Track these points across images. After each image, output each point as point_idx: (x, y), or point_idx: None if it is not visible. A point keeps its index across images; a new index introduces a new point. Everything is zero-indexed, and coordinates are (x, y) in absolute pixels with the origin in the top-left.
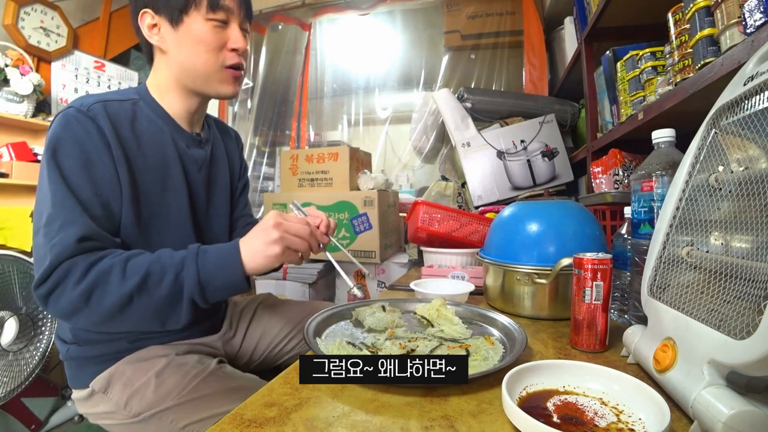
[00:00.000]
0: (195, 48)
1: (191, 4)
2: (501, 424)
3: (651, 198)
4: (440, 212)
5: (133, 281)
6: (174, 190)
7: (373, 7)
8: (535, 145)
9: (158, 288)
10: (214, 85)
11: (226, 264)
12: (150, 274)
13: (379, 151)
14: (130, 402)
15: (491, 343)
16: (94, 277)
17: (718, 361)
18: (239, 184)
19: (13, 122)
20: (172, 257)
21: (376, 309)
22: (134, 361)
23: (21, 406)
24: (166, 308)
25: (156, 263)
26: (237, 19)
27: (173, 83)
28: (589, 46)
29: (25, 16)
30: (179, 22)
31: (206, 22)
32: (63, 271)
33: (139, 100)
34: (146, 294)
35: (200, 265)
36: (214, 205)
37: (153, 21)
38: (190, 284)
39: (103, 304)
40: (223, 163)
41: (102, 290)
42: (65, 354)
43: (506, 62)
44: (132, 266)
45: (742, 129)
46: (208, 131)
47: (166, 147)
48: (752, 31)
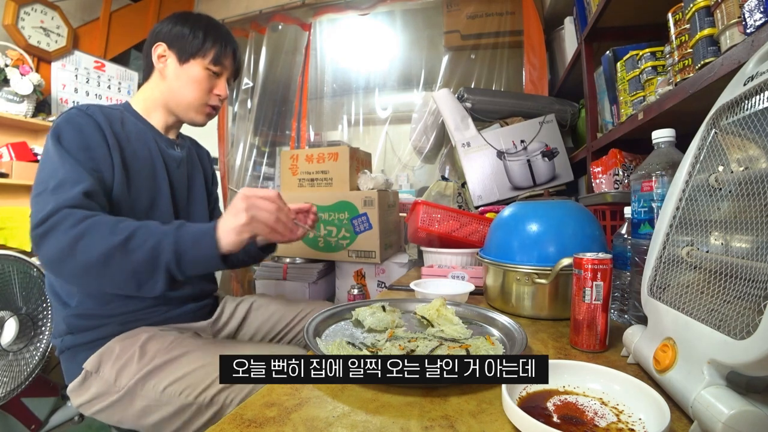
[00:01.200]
0: (190, 85)
1: (200, 54)
2: (501, 424)
3: (651, 198)
4: (440, 212)
5: (119, 238)
6: (159, 180)
7: (373, 7)
8: (535, 145)
9: (139, 250)
10: (191, 113)
11: (202, 238)
12: (134, 236)
13: (379, 151)
14: (119, 376)
15: (491, 343)
16: (86, 226)
17: (718, 361)
18: (213, 189)
19: (13, 122)
20: (158, 227)
21: (376, 309)
22: (122, 339)
23: (21, 406)
24: (143, 271)
25: (142, 228)
26: (227, 74)
27: (159, 101)
28: (589, 46)
29: (25, 16)
30: (185, 62)
31: (204, 70)
32: (62, 216)
33: (125, 111)
34: (128, 253)
35: (178, 237)
36: (194, 199)
37: (164, 53)
38: (168, 253)
39: (88, 253)
40: (197, 166)
41: (90, 239)
42: (60, 346)
43: (506, 62)
44: (122, 226)
45: (742, 129)
46: (183, 141)
47: (150, 145)
48: (752, 31)
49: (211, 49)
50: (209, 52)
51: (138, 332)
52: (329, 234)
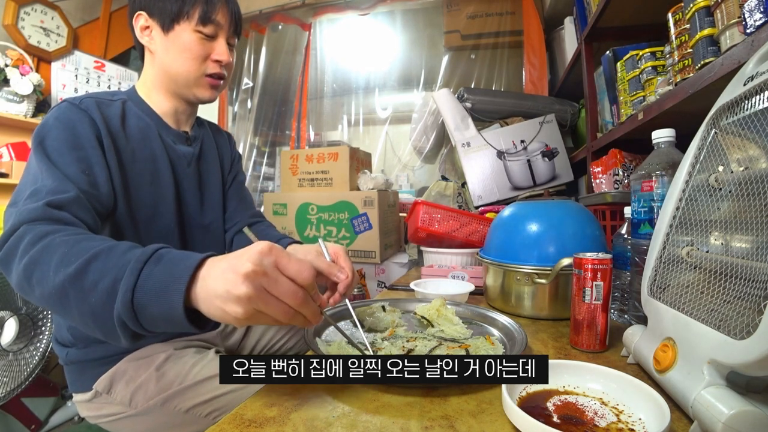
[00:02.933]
0: (180, 55)
1: (183, 15)
2: (501, 424)
3: (651, 198)
4: (440, 212)
5: (69, 270)
6: (161, 185)
7: (373, 7)
8: (535, 145)
9: (93, 291)
10: (192, 89)
11: (168, 288)
12: (88, 269)
13: (379, 151)
14: (135, 397)
15: (491, 343)
16: (39, 251)
17: (718, 361)
18: (229, 177)
19: (13, 122)
20: (122, 255)
21: (376, 309)
22: (135, 359)
23: (21, 406)
24: (100, 319)
25: (101, 256)
26: (225, 33)
27: (158, 83)
28: (589, 46)
29: (25, 16)
30: (170, 29)
31: (194, 33)
32: (18, 236)
33: (128, 100)
34: (84, 292)
35: (141, 279)
36: (207, 198)
37: (146, 23)
38: (122, 301)
39: (42, 285)
40: (213, 159)
41: (40, 270)
42: (65, 358)
43: (506, 62)
44: (78, 250)
45: (742, 129)
46: (199, 130)
47: (153, 142)
48: (752, 31)
49: (195, 5)
50: (193, 10)
51: (150, 351)
52: (329, 234)
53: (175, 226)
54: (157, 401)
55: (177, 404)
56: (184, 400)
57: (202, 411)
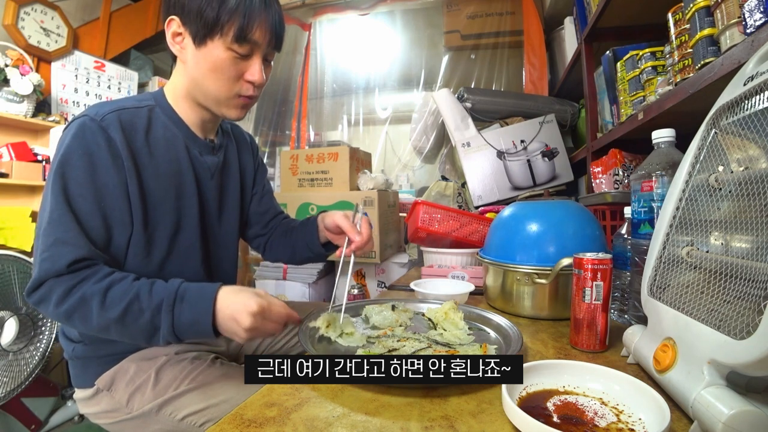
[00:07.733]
0: (211, 74)
1: (217, 31)
2: (501, 424)
3: (651, 198)
4: (440, 212)
5: (113, 313)
6: (186, 198)
7: (373, 7)
8: (535, 145)
9: (136, 323)
10: (221, 108)
11: (198, 321)
12: (128, 311)
13: (379, 151)
14: (132, 400)
15: (485, 351)
16: (75, 302)
17: (718, 361)
18: (256, 188)
19: (13, 122)
20: (150, 297)
21: (384, 308)
22: (138, 360)
23: (21, 406)
24: (146, 337)
25: (135, 302)
26: (262, 52)
27: (186, 93)
28: (589, 46)
29: (25, 16)
30: (202, 44)
31: (227, 51)
32: (47, 289)
33: (156, 107)
34: (126, 325)
35: (175, 317)
36: (225, 210)
37: (179, 30)
38: (165, 330)
39: (87, 324)
40: (234, 168)
41: (82, 314)
42: (71, 353)
43: (506, 62)
44: (112, 298)
45: (742, 129)
46: (222, 137)
47: (180, 155)
48: (752, 31)
49: (230, 22)
50: (228, 26)
51: (154, 353)
52: None
53: (197, 240)
54: (152, 407)
55: (172, 411)
56: (179, 408)
57: (197, 420)
